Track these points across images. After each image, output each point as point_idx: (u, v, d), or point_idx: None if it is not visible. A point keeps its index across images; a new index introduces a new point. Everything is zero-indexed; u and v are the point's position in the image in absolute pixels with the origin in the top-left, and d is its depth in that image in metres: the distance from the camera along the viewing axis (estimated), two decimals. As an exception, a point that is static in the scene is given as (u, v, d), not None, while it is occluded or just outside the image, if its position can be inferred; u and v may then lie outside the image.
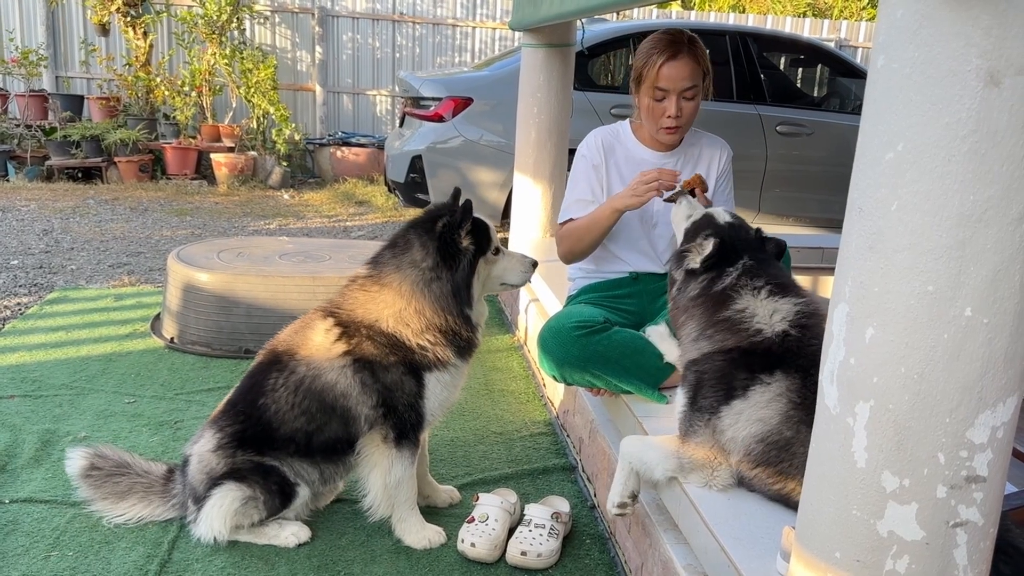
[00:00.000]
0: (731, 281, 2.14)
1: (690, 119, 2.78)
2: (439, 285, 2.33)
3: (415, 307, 2.33)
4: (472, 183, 6.23)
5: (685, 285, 2.25)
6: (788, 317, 2.03)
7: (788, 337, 2.00)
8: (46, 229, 6.60)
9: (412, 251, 2.36)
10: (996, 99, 1.10)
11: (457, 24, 11.12)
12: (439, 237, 2.33)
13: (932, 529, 1.25)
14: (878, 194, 1.21)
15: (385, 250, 2.44)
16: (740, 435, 1.95)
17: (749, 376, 1.97)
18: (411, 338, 2.33)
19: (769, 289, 2.10)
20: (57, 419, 3.15)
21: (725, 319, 2.08)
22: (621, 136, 2.93)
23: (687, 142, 2.91)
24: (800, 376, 1.93)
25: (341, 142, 10.17)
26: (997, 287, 1.16)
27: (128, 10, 9.48)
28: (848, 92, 7.46)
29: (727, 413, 1.98)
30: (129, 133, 8.95)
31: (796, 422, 1.88)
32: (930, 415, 1.21)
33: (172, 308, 4.05)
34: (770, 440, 1.91)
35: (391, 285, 2.36)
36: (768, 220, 6.77)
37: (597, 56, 6.80)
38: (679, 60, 2.66)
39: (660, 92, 2.70)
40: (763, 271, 2.17)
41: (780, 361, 1.97)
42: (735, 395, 1.97)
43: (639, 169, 2.84)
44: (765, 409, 1.93)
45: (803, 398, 1.89)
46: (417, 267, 2.34)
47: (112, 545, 2.37)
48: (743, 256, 2.20)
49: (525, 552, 2.35)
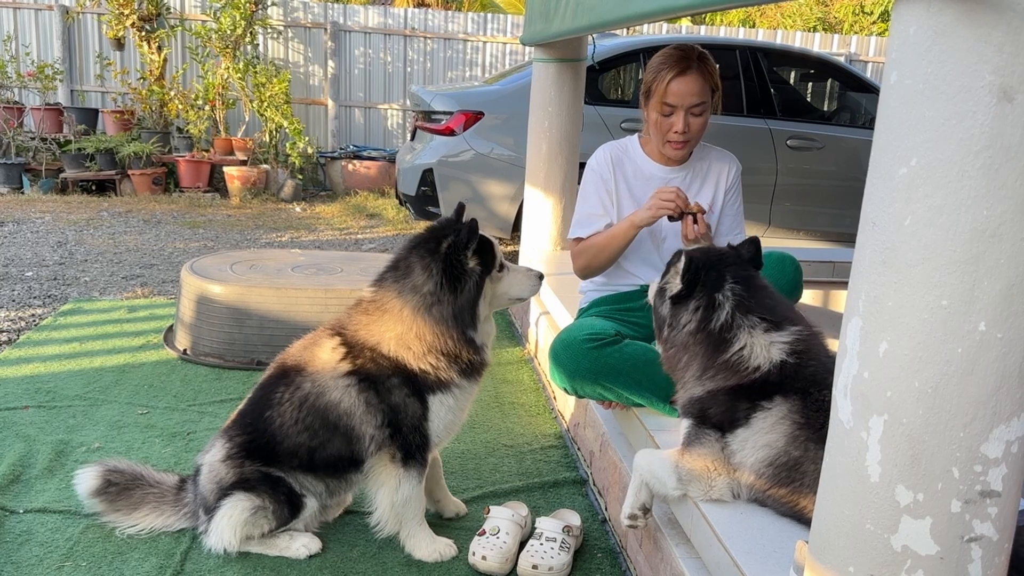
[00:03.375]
0: (727, 317, 2.09)
1: (698, 135, 2.79)
2: (440, 309, 2.30)
3: (416, 331, 2.30)
4: (483, 196, 6.25)
5: (676, 319, 2.19)
6: (784, 348, 2.03)
7: (786, 365, 2.00)
8: (60, 241, 6.65)
9: (413, 275, 2.33)
10: (1009, 114, 1.11)
11: (468, 39, 11.19)
12: (444, 259, 2.29)
13: (946, 544, 1.25)
14: (892, 208, 1.22)
15: (387, 272, 2.41)
16: (748, 461, 1.97)
17: (750, 405, 1.99)
18: (412, 362, 2.32)
19: (765, 325, 2.07)
20: (71, 430, 3.17)
21: (725, 362, 2.06)
22: (630, 151, 2.94)
23: (696, 156, 2.92)
24: (800, 396, 1.94)
25: (353, 155, 10.22)
26: (1011, 301, 1.16)
27: (143, 25, 9.59)
28: (858, 106, 7.47)
29: (733, 441, 2.00)
30: (143, 146, 9.03)
31: (803, 441, 1.89)
32: (944, 429, 1.21)
33: (185, 320, 4.07)
34: (779, 463, 1.92)
35: (392, 310, 2.34)
36: (778, 234, 6.76)
37: (608, 70, 6.83)
38: (688, 76, 2.67)
39: (668, 107, 2.71)
40: (754, 301, 2.11)
41: (778, 387, 1.98)
42: (738, 424, 1.99)
43: (648, 184, 2.86)
44: (770, 434, 1.94)
45: (807, 417, 1.90)
46: (418, 292, 2.31)
47: (125, 556, 2.38)
48: (725, 274, 2.15)
49: (536, 565, 2.35)
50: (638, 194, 2.86)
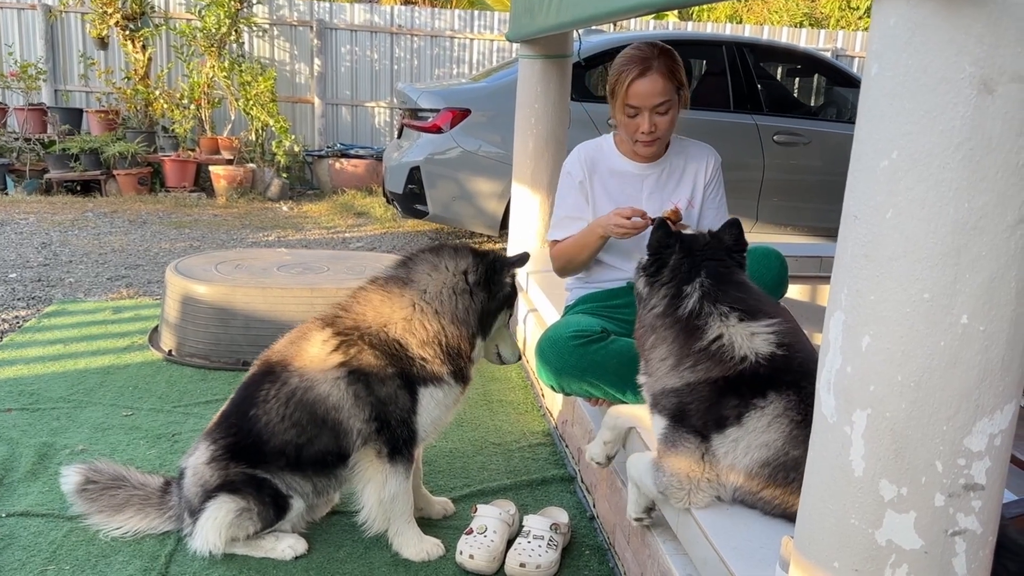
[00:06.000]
0: (694, 305, 2.00)
1: (667, 132, 2.76)
2: (470, 300, 2.33)
3: (433, 309, 2.31)
4: (470, 194, 6.24)
5: (648, 300, 2.13)
6: (770, 339, 1.93)
7: (775, 357, 1.90)
8: (45, 242, 6.60)
9: (458, 258, 2.37)
10: (990, 106, 1.10)
11: (455, 36, 11.16)
12: (491, 263, 2.37)
13: (931, 538, 1.25)
14: (873, 202, 1.21)
15: (423, 252, 2.43)
16: (741, 463, 1.88)
17: (741, 402, 1.88)
18: (415, 347, 2.31)
19: (738, 314, 1.97)
20: (55, 432, 3.14)
21: (703, 349, 1.95)
22: (604, 150, 2.93)
23: (672, 151, 2.90)
24: (794, 391, 1.85)
25: (340, 154, 10.18)
26: (993, 294, 1.16)
27: (127, 24, 9.51)
28: (845, 101, 7.49)
29: (721, 442, 1.89)
30: (128, 146, 8.97)
31: (802, 440, 1.73)
32: (928, 423, 1.21)
33: (170, 320, 4.04)
34: (776, 463, 1.85)
35: (417, 284, 2.34)
36: (766, 229, 6.78)
37: (594, 67, 6.82)
38: (647, 77, 2.64)
39: (632, 109, 2.69)
40: (722, 292, 2.02)
41: (770, 382, 1.88)
42: (727, 423, 1.89)
43: (623, 181, 2.85)
44: (766, 433, 1.85)
45: (803, 414, 1.80)
46: (457, 273, 2.34)
47: (109, 559, 2.36)
48: (700, 266, 2.07)
49: (524, 564, 2.34)
50: (614, 192, 2.85)
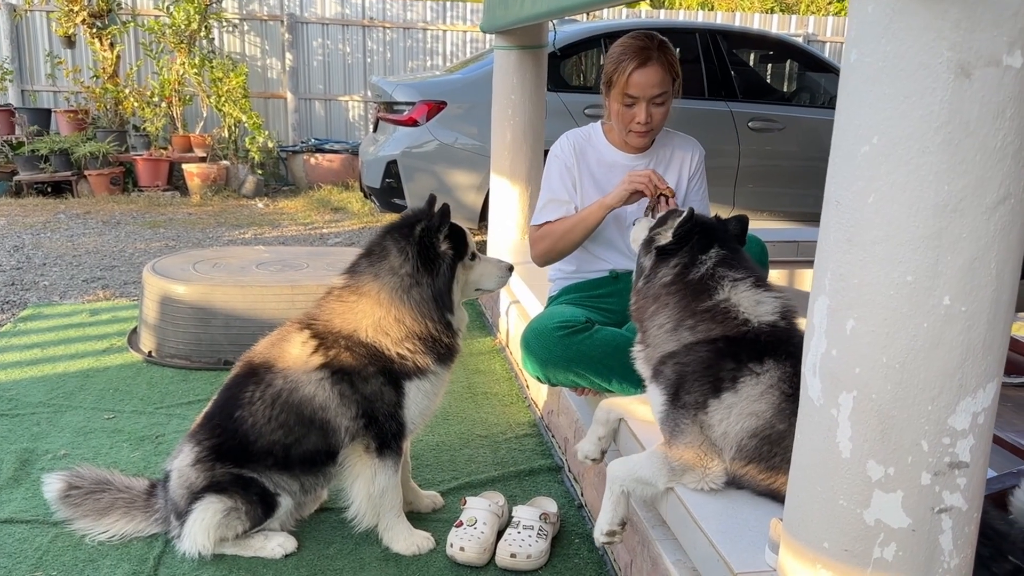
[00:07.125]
0: (707, 270, 2.03)
1: (660, 123, 2.79)
2: (419, 291, 2.31)
3: (395, 315, 2.30)
4: (449, 186, 6.22)
5: (655, 272, 2.13)
6: (775, 308, 1.96)
7: (777, 327, 1.93)
8: (17, 245, 6.50)
9: (390, 258, 2.33)
10: (967, 90, 1.12)
11: (428, 28, 11.09)
12: (418, 242, 2.31)
13: (918, 516, 1.27)
14: (854, 187, 1.23)
15: (361, 259, 2.41)
16: (732, 430, 1.88)
17: (737, 366, 1.89)
18: (391, 347, 2.31)
19: (751, 280, 2.02)
20: (35, 437, 3.10)
21: (708, 309, 1.98)
22: (593, 139, 2.93)
23: (659, 143, 2.92)
24: (792, 364, 1.85)
25: (315, 149, 10.10)
26: (974, 275, 1.18)
27: (94, 21, 9.35)
28: (817, 87, 7.55)
29: (716, 408, 1.90)
30: (99, 146, 8.84)
31: (789, 415, 1.78)
32: (912, 403, 1.23)
33: (149, 321, 4.00)
34: (763, 435, 1.86)
35: (369, 294, 2.33)
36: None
37: (569, 57, 6.82)
38: (648, 68, 2.66)
39: (630, 99, 2.70)
40: (738, 261, 2.08)
41: (770, 349, 1.89)
42: (723, 388, 1.89)
43: (611, 171, 2.86)
44: (758, 402, 1.86)
45: (794, 389, 1.78)
46: (396, 273, 2.31)
47: (97, 563, 2.34)
48: (714, 243, 2.09)
49: (515, 554, 2.35)
50: (602, 182, 2.86)
